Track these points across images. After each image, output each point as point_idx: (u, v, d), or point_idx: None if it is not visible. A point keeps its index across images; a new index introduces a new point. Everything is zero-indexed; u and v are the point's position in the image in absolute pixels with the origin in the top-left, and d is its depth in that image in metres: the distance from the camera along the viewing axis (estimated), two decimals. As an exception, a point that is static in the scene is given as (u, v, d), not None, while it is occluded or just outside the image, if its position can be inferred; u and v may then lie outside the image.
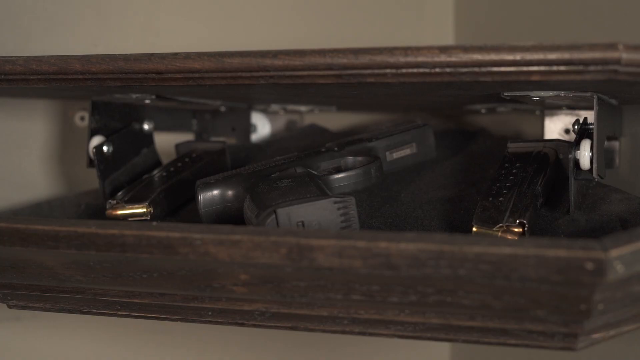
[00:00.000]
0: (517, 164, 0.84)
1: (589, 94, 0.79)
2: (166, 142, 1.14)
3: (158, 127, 1.09)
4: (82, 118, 1.05)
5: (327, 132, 1.16)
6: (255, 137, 1.21)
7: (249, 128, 1.20)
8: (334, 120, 1.23)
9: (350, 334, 0.76)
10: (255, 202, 0.80)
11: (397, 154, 0.92)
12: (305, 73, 0.74)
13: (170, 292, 0.78)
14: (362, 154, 0.91)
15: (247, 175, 0.87)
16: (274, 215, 0.76)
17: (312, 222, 0.76)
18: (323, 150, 0.91)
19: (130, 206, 0.88)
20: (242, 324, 0.79)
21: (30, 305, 0.87)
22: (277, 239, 0.66)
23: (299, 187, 0.80)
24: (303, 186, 0.81)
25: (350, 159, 0.91)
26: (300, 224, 0.76)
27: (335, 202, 0.76)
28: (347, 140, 0.93)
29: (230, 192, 0.86)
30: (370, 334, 0.75)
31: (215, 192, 0.86)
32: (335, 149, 0.91)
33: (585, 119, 0.84)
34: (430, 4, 1.31)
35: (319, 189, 0.80)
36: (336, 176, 0.87)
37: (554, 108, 0.95)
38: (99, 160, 0.96)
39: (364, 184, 0.88)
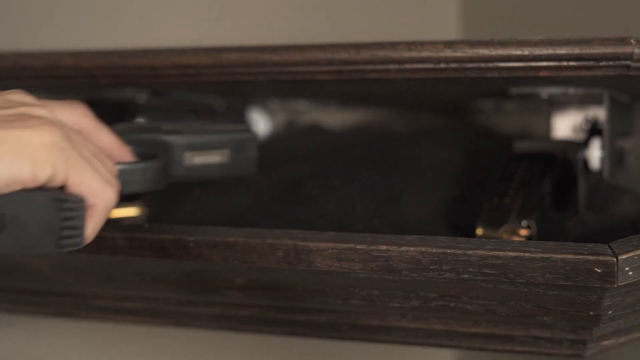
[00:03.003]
0: (524, 164, 0.83)
1: (599, 91, 0.78)
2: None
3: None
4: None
5: (328, 133, 1.15)
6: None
7: (247, 125, 1.19)
8: (335, 117, 1.22)
9: (350, 340, 0.76)
10: None
11: (200, 159, 0.73)
12: (305, 69, 0.73)
13: (163, 296, 0.78)
14: (150, 147, 0.72)
15: None
16: None
17: (16, 218, 0.55)
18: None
19: (123, 207, 0.87)
20: (237, 330, 0.78)
21: (20, 309, 0.87)
22: (273, 241, 0.65)
23: None
24: None
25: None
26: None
27: (58, 200, 0.56)
28: (140, 124, 0.78)
29: None
30: (371, 340, 0.75)
31: None
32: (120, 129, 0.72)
33: (595, 116, 0.83)
34: (435, -3, 1.30)
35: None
36: None
37: (562, 105, 0.94)
38: (93, 159, 0.94)
39: (131, 187, 0.67)
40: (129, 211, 0.84)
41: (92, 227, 0.59)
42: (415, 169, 0.93)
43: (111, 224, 0.71)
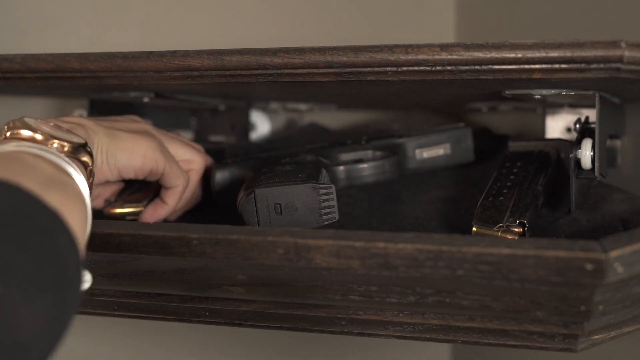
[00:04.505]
0: (518, 163, 0.84)
1: (591, 92, 0.78)
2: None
3: (157, 126, 1.08)
4: (81, 116, 1.04)
5: (327, 131, 1.16)
6: (254, 135, 1.20)
7: (248, 126, 1.19)
8: (334, 118, 1.22)
9: (349, 334, 0.76)
10: (247, 184, 0.80)
11: (428, 153, 0.90)
12: (305, 71, 0.74)
13: (167, 293, 0.78)
14: (387, 150, 0.90)
15: (263, 159, 0.88)
16: (252, 196, 0.77)
17: (290, 205, 0.77)
18: (349, 142, 0.91)
19: (128, 205, 0.88)
20: (239, 325, 0.78)
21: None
22: (274, 238, 0.65)
23: (293, 172, 0.80)
24: (297, 171, 0.80)
25: (370, 152, 0.90)
26: (278, 205, 0.77)
27: (314, 188, 0.77)
28: (376, 135, 0.92)
29: (243, 174, 0.87)
30: (369, 335, 0.75)
31: (230, 173, 0.88)
32: (363, 142, 0.90)
33: (587, 117, 0.83)
34: (431, 1, 1.30)
35: (311, 175, 0.80)
36: (341, 167, 0.87)
37: (555, 106, 0.94)
38: (97, 159, 0.95)
39: (374, 177, 0.88)
40: (136, 209, 0.86)
41: (182, 202, 0.85)
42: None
43: (116, 222, 0.73)
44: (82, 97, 1.01)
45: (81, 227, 0.59)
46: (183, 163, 0.86)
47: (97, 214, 0.93)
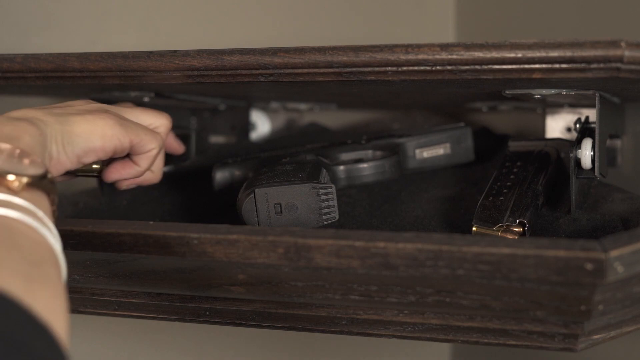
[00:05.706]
0: (518, 163, 0.84)
1: (591, 92, 0.78)
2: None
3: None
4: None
5: (328, 131, 1.16)
6: (254, 135, 1.20)
7: (249, 126, 1.19)
8: (334, 118, 1.22)
9: (349, 334, 0.76)
10: (247, 183, 0.80)
11: (428, 153, 0.91)
12: (305, 71, 0.74)
13: (167, 292, 0.78)
14: (387, 149, 0.90)
15: (263, 159, 0.88)
16: (252, 195, 0.77)
17: (290, 204, 0.77)
18: (349, 142, 0.91)
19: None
20: (239, 324, 0.78)
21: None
22: (274, 238, 0.66)
23: (293, 171, 0.80)
24: (297, 171, 0.81)
25: (370, 152, 0.90)
26: (278, 205, 0.77)
27: (314, 188, 0.77)
28: (376, 134, 0.93)
29: (243, 174, 0.88)
30: (369, 335, 0.75)
31: (230, 172, 0.89)
32: (363, 142, 0.91)
33: (587, 117, 0.84)
34: (431, 1, 1.30)
35: (311, 174, 0.80)
36: (341, 167, 0.87)
37: (555, 106, 0.94)
38: (97, 159, 0.95)
39: (374, 177, 0.88)
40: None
41: (158, 164, 0.84)
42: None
43: (117, 222, 0.73)
44: (82, 97, 1.01)
45: (65, 322, 0.52)
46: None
47: (97, 214, 0.93)
